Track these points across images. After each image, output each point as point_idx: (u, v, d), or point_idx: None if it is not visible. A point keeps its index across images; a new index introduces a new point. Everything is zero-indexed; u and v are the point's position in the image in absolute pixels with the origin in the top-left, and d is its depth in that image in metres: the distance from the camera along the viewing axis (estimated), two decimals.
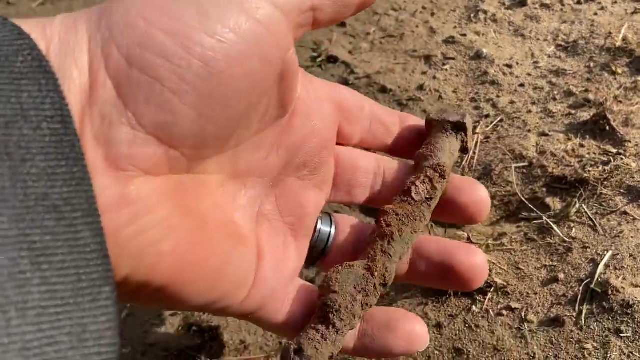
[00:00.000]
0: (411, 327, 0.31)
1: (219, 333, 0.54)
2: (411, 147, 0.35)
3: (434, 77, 0.78)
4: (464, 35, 0.83)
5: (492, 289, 0.53)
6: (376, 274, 0.30)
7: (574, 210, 0.57)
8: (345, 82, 0.80)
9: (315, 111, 0.31)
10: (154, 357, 0.55)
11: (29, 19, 0.21)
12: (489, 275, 0.54)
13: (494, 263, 0.55)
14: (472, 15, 0.87)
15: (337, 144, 0.34)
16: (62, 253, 0.18)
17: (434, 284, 0.33)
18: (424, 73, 0.80)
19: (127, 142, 0.21)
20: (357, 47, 0.87)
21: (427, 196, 0.32)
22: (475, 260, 0.31)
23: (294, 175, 0.31)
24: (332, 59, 0.86)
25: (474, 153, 0.66)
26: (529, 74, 0.75)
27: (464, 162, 0.65)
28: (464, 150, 0.35)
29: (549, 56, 0.77)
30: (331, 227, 0.34)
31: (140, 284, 0.22)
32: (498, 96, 0.73)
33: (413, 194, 0.32)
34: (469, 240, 0.56)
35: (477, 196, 0.33)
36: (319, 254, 0.34)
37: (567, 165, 0.60)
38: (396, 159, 0.35)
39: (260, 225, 0.30)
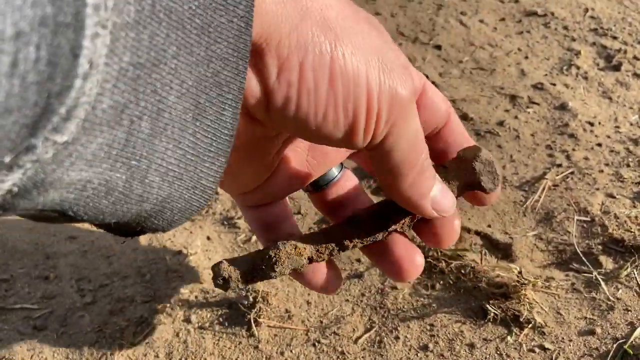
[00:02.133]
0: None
1: (268, 298, 0.59)
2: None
3: (516, 117, 0.81)
4: (553, 84, 0.86)
5: (530, 325, 0.56)
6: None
7: (625, 273, 0.59)
8: None
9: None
10: (206, 301, 0.59)
11: None
12: (530, 312, 0.57)
13: (536, 302, 0.58)
14: (565, 67, 0.90)
15: None
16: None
17: None
18: (506, 110, 0.82)
19: None
20: (447, 71, 0.91)
21: (390, 228, 0.35)
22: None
23: None
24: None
25: (539, 197, 0.69)
26: (609, 136, 0.77)
27: (527, 203, 0.68)
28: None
29: (631, 124, 0.79)
30: (339, 173, 0.39)
31: None
32: (574, 149, 0.75)
33: (392, 224, 0.35)
34: (520, 273, 0.58)
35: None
36: (315, 189, 0.39)
37: (628, 230, 0.63)
38: None
39: (289, 150, 0.34)
